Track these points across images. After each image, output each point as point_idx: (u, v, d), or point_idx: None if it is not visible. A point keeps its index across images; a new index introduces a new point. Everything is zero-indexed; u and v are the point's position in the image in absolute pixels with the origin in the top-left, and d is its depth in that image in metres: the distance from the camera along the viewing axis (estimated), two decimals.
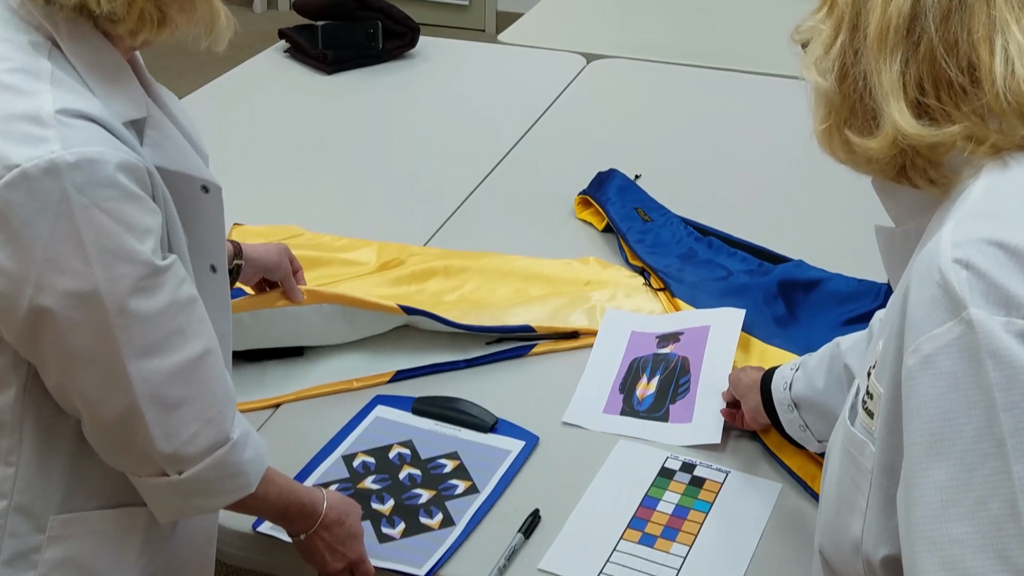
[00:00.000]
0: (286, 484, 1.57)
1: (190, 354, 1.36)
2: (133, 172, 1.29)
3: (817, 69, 1.22)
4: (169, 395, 1.35)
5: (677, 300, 2.27)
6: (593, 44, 3.70)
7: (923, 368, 1.06)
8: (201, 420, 1.38)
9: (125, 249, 1.27)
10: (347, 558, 1.62)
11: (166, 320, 1.33)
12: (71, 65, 1.32)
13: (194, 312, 1.38)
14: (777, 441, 1.91)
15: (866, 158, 1.20)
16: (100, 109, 1.31)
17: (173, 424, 1.35)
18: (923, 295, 1.07)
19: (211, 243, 1.53)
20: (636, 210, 2.57)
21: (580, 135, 3.06)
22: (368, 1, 3.44)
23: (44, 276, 1.25)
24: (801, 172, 2.87)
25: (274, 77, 3.40)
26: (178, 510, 1.45)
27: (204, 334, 1.39)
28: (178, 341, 1.35)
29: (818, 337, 2.18)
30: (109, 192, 1.26)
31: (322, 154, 2.92)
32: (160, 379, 1.33)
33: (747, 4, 4.14)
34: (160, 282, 1.32)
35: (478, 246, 2.48)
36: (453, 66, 3.50)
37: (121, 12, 1.30)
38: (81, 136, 1.25)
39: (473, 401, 1.97)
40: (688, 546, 1.70)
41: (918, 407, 1.06)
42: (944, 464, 1.04)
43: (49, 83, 1.28)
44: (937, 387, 1.05)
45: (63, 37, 1.32)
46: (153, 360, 1.33)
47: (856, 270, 2.38)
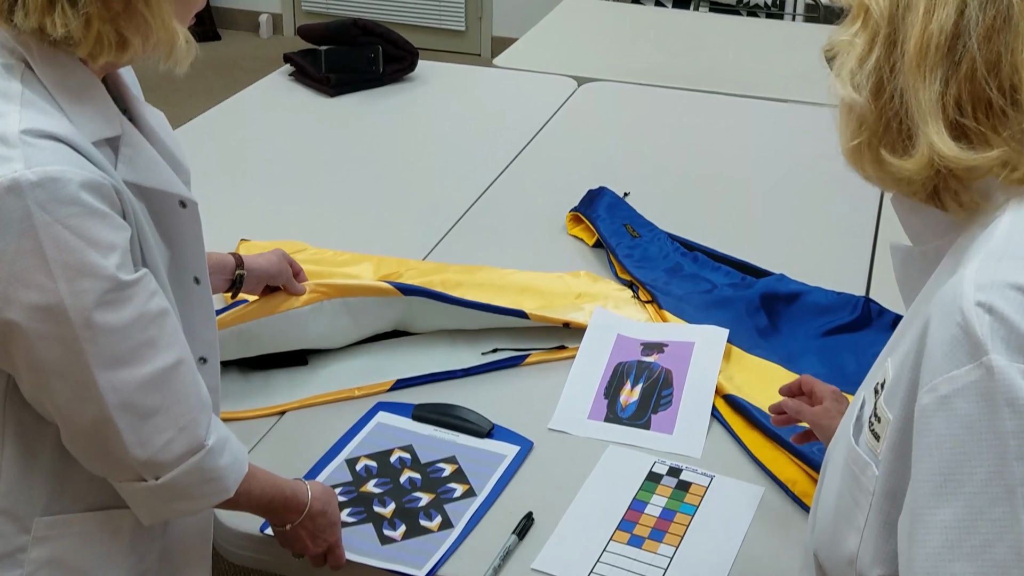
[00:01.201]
0: (268, 479, 1.56)
1: (161, 364, 1.35)
2: (98, 190, 1.28)
3: (851, 83, 1.14)
4: (141, 404, 1.33)
5: (664, 312, 2.27)
6: (584, 68, 3.70)
7: (939, 408, 1.01)
8: (175, 428, 1.36)
9: (88, 264, 1.26)
10: (327, 542, 1.63)
11: (135, 332, 1.32)
12: (43, 86, 1.31)
13: (165, 324, 1.36)
14: (759, 446, 1.92)
15: (898, 178, 1.13)
16: (68, 129, 1.29)
17: (146, 432, 1.34)
18: (944, 334, 1.02)
19: (192, 256, 1.51)
20: (625, 226, 2.57)
21: (571, 155, 3.06)
22: (369, 27, 3.45)
23: (10, 290, 1.25)
24: (782, 190, 2.88)
25: (280, 99, 3.40)
26: (159, 513, 1.44)
27: (176, 345, 1.38)
28: (149, 352, 1.34)
29: (798, 347, 2.20)
30: (71, 209, 1.24)
31: (325, 173, 2.92)
32: (131, 389, 1.32)
33: (730, 30, 4.16)
34: (127, 296, 1.31)
35: (474, 260, 2.48)
36: (450, 89, 3.51)
37: (78, 35, 1.28)
38: (44, 155, 1.24)
39: (470, 408, 1.97)
40: (675, 547, 1.71)
41: (931, 446, 1.02)
42: (952, 505, 1.00)
43: (19, 104, 1.28)
44: (951, 428, 1.00)
45: (35, 59, 1.31)
46: (123, 371, 1.32)
47: (834, 283, 2.38)
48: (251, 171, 2.92)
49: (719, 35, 4.09)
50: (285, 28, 7.11)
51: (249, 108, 3.33)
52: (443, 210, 2.73)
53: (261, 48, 6.89)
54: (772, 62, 3.80)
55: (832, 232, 2.68)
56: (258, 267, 1.97)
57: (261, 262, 1.98)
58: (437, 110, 3.34)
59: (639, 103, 3.42)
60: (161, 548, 1.55)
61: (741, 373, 2.10)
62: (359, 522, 1.74)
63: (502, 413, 1.98)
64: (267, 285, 2.04)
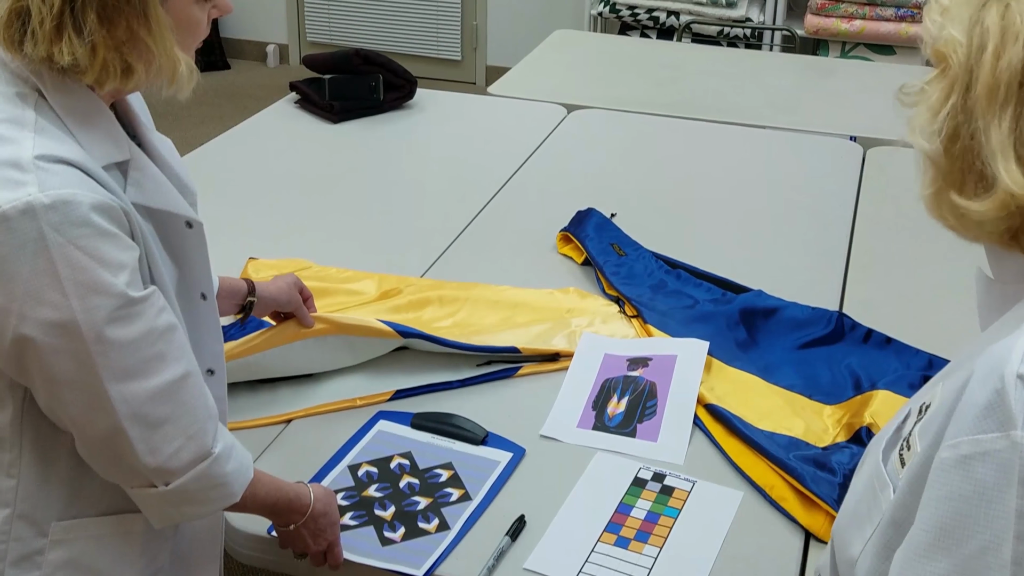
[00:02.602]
0: (272, 483, 1.56)
1: (170, 377, 1.35)
2: (108, 211, 1.29)
3: (923, 134, 1.09)
4: (151, 414, 1.34)
5: (649, 326, 2.27)
6: (573, 96, 3.70)
7: (957, 465, 0.98)
8: (183, 436, 1.37)
9: (99, 282, 1.27)
10: (328, 541, 1.63)
11: (145, 346, 1.33)
12: (55, 113, 1.32)
13: (173, 338, 1.37)
14: (739, 453, 1.92)
15: (976, 222, 1.06)
16: (79, 154, 1.30)
17: (156, 440, 1.35)
18: (980, 396, 0.98)
19: (200, 274, 1.52)
20: (612, 245, 2.57)
21: (561, 178, 3.07)
22: (370, 57, 3.45)
23: (25, 307, 1.26)
24: (760, 211, 2.89)
25: (286, 125, 3.40)
26: (170, 517, 1.43)
27: (184, 358, 1.38)
28: (158, 365, 1.34)
29: (775, 359, 2.20)
30: (82, 231, 1.26)
31: (329, 195, 2.92)
32: (141, 400, 1.33)
33: (711, 60, 4.17)
34: (137, 311, 1.31)
35: (470, 277, 2.48)
36: (447, 115, 3.51)
37: (84, 63, 1.29)
38: (57, 180, 1.26)
39: (466, 417, 1.97)
40: (659, 548, 1.71)
41: (940, 499, 0.99)
42: (946, 560, 0.99)
43: (33, 131, 1.29)
44: (964, 489, 0.98)
45: (48, 88, 1.32)
46: (133, 383, 1.32)
47: (809, 299, 2.39)
48: (259, 193, 2.92)
49: (700, 65, 4.09)
50: (291, 58, 7.11)
51: (257, 133, 3.33)
52: (440, 230, 2.73)
53: (268, 77, 6.89)
54: (750, 90, 3.81)
55: (807, 250, 2.69)
56: (268, 295, 1.96)
57: (272, 289, 1.97)
58: (435, 135, 3.35)
59: (625, 129, 3.43)
60: (172, 549, 1.56)
61: (722, 384, 2.10)
62: (361, 525, 1.74)
63: (496, 421, 1.98)
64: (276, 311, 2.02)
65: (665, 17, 5.44)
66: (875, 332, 2.27)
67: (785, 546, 1.73)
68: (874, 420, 1.97)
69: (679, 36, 5.29)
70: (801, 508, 1.79)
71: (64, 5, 1.26)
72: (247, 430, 1.95)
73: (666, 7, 5.44)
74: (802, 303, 2.36)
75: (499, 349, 2.16)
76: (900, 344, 2.23)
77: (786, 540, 1.74)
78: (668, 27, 5.45)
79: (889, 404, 2.00)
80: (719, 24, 5.36)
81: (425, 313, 2.32)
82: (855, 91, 3.84)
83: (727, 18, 5.35)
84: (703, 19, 5.36)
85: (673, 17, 5.42)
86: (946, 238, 1.20)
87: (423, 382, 2.10)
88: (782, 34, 5.37)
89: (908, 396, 2.02)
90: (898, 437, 1.16)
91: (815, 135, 3.40)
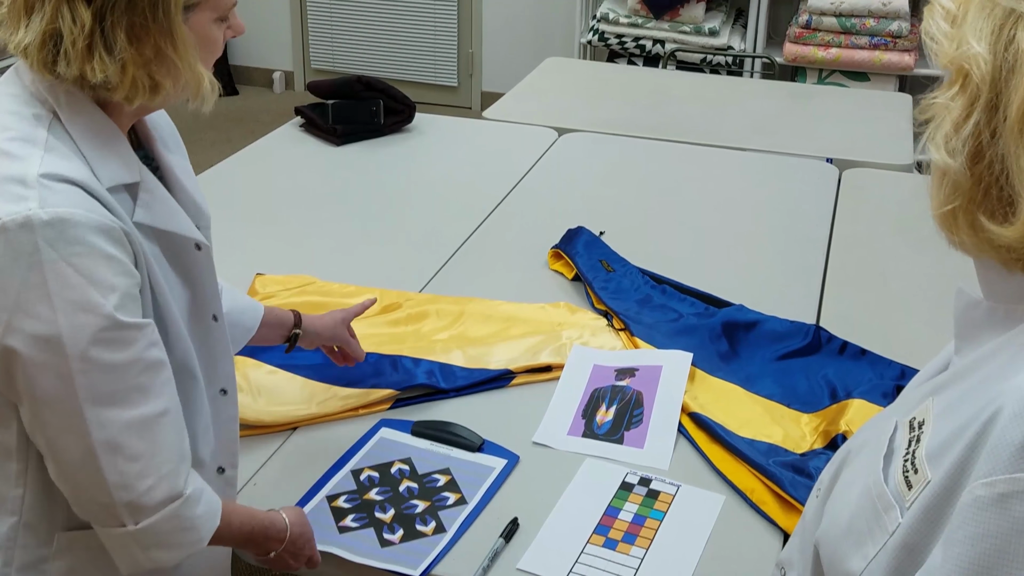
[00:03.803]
0: (246, 513, 1.52)
1: (149, 411, 1.31)
2: (107, 233, 1.27)
3: (946, 148, 1.00)
4: (125, 445, 1.30)
5: (636, 339, 2.28)
6: (564, 120, 3.71)
7: (993, 504, 0.92)
8: (156, 474, 1.32)
9: (88, 301, 1.25)
10: (305, 555, 1.61)
11: (129, 375, 1.29)
12: (68, 134, 1.31)
13: (159, 375, 1.33)
14: (721, 459, 1.92)
15: (997, 245, 0.98)
16: (86, 174, 1.29)
17: (129, 475, 1.30)
18: (1015, 434, 0.92)
19: (210, 295, 1.50)
20: (600, 262, 2.58)
21: (552, 197, 3.08)
22: (372, 83, 3.46)
23: (14, 318, 1.24)
24: (741, 229, 2.89)
25: (291, 148, 3.41)
26: (138, 562, 1.37)
27: (166, 396, 1.34)
28: (139, 397, 1.30)
29: (756, 370, 2.21)
30: (77, 249, 1.24)
31: (332, 214, 2.93)
32: (117, 428, 1.29)
33: (694, 86, 4.18)
34: (124, 337, 1.28)
35: (465, 292, 2.49)
36: (444, 139, 3.52)
37: (115, 80, 1.29)
38: (58, 198, 1.24)
39: (463, 425, 1.98)
40: (645, 549, 1.71)
41: (976, 536, 0.93)
42: None
43: (43, 149, 1.28)
44: (1002, 527, 0.92)
45: (63, 109, 1.31)
46: (111, 409, 1.28)
47: (788, 312, 2.40)
48: (266, 212, 2.92)
49: (685, 91, 4.11)
50: (296, 84, 7.12)
51: (264, 156, 3.34)
52: (438, 247, 2.74)
53: (275, 102, 6.89)
54: (732, 115, 3.82)
55: (786, 266, 2.69)
56: (314, 330, 1.94)
57: (318, 325, 1.95)
58: (433, 158, 3.35)
59: (613, 151, 3.44)
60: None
61: (705, 393, 2.11)
62: (362, 527, 1.74)
63: (491, 429, 1.98)
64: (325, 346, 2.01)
65: (651, 45, 5.46)
66: (850, 344, 2.27)
67: (765, 547, 1.73)
68: (849, 428, 1.97)
69: (664, 63, 5.31)
70: (780, 511, 1.80)
71: (95, 25, 1.27)
72: (256, 436, 1.95)
73: (652, 36, 5.45)
74: (781, 317, 2.37)
75: (493, 374, 2.16)
76: (874, 355, 2.24)
77: (765, 541, 1.75)
78: (654, 55, 5.46)
79: (864, 412, 2.01)
80: (702, 52, 5.37)
81: (424, 325, 2.32)
82: (831, 116, 3.85)
83: (710, 46, 5.36)
84: (687, 47, 5.37)
85: (659, 45, 5.44)
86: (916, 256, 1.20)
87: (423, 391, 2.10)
88: (762, 61, 5.38)
89: (882, 405, 2.02)
90: (891, 451, 1.11)
91: (793, 157, 3.41)
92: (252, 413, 1.98)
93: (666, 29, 5.43)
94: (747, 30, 5.56)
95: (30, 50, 1.28)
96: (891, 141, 3.60)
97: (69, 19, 1.26)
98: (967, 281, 1.13)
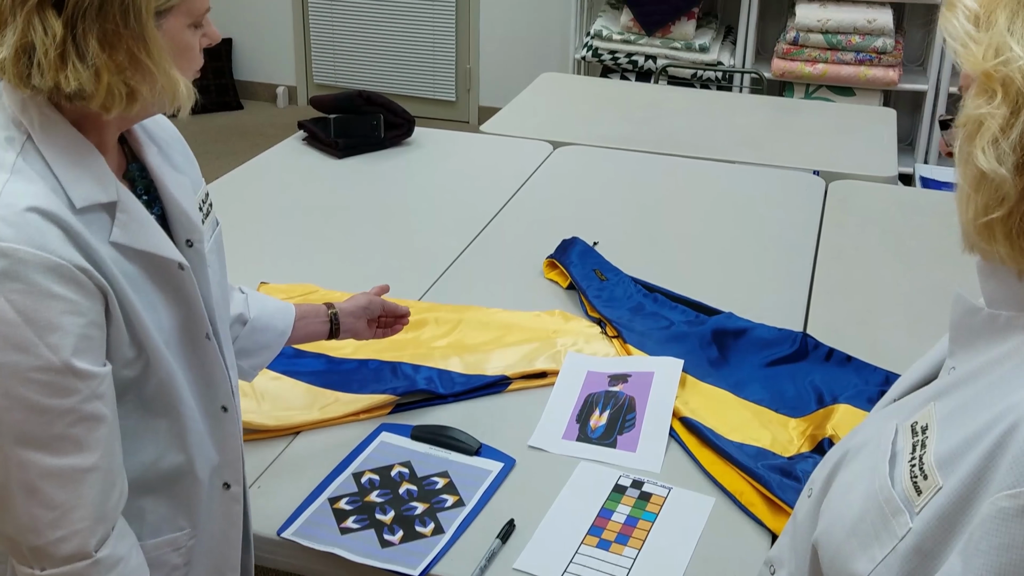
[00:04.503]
0: None
1: (76, 464, 1.24)
2: (55, 271, 1.20)
3: (995, 155, 0.95)
4: (43, 492, 1.23)
5: (628, 346, 2.28)
6: (558, 133, 3.72)
7: (1019, 515, 0.91)
8: (68, 528, 1.25)
9: (21, 340, 1.18)
10: None
11: (60, 423, 1.22)
12: (40, 156, 1.25)
13: (95, 430, 1.26)
14: (711, 462, 1.93)
15: None
16: (51, 200, 1.23)
17: (41, 521, 1.24)
18: None
19: (201, 314, 1.42)
20: (594, 271, 2.58)
21: (548, 209, 3.08)
22: (372, 97, 3.46)
23: None
24: (731, 239, 2.90)
25: (294, 161, 3.41)
26: None
27: (99, 452, 1.26)
28: (67, 447, 1.23)
29: (745, 376, 2.21)
30: (15, 286, 1.18)
31: (334, 224, 2.93)
32: (38, 472, 1.22)
33: (685, 101, 4.19)
34: (62, 384, 1.22)
35: (463, 300, 2.49)
36: (443, 151, 3.52)
37: (90, 88, 1.23)
38: (11, 232, 1.18)
39: (461, 429, 1.98)
40: (637, 550, 1.71)
41: (1001, 547, 0.92)
42: None
43: (9, 174, 1.22)
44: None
45: (35, 130, 1.26)
46: (35, 453, 1.22)
47: (776, 320, 2.40)
48: (270, 223, 2.93)
49: (676, 105, 4.11)
50: (299, 99, 7.12)
51: (268, 168, 3.34)
52: (437, 257, 2.74)
53: (278, 116, 6.90)
54: (722, 128, 3.83)
55: (774, 275, 2.70)
56: (348, 308, 1.91)
57: (351, 304, 1.92)
58: (431, 170, 3.36)
59: (607, 164, 3.44)
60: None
61: (695, 398, 2.11)
62: (363, 528, 1.75)
63: (488, 433, 1.99)
64: (368, 319, 1.96)
65: (643, 61, 5.47)
66: (836, 351, 2.28)
67: (753, 547, 1.74)
68: (835, 432, 1.98)
69: (656, 78, 5.32)
70: (768, 512, 1.80)
71: (67, 34, 1.21)
72: (260, 440, 1.95)
73: (644, 52, 5.46)
74: (769, 324, 2.38)
75: (491, 380, 2.16)
76: (859, 362, 2.24)
77: (754, 541, 1.75)
78: (646, 70, 5.47)
79: (849, 417, 2.01)
80: (693, 67, 5.38)
81: (423, 332, 2.32)
82: (818, 129, 3.86)
83: (700, 62, 5.37)
84: (678, 63, 5.38)
85: (651, 61, 5.45)
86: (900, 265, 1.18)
87: (422, 396, 2.10)
88: (751, 77, 5.39)
89: (867, 409, 2.02)
90: (894, 454, 1.09)
91: (781, 169, 3.41)
92: (257, 418, 1.99)
93: (658, 45, 5.44)
94: (736, 46, 5.57)
95: (6, 65, 1.23)
96: (876, 154, 3.60)
97: (40, 30, 1.21)
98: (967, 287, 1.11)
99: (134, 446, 1.37)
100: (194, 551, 1.49)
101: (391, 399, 2.07)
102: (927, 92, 5.37)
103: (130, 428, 1.36)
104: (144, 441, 1.39)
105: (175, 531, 1.45)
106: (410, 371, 2.15)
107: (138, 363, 1.34)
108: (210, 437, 1.47)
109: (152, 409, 1.38)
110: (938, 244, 2.88)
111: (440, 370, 2.17)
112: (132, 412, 1.36)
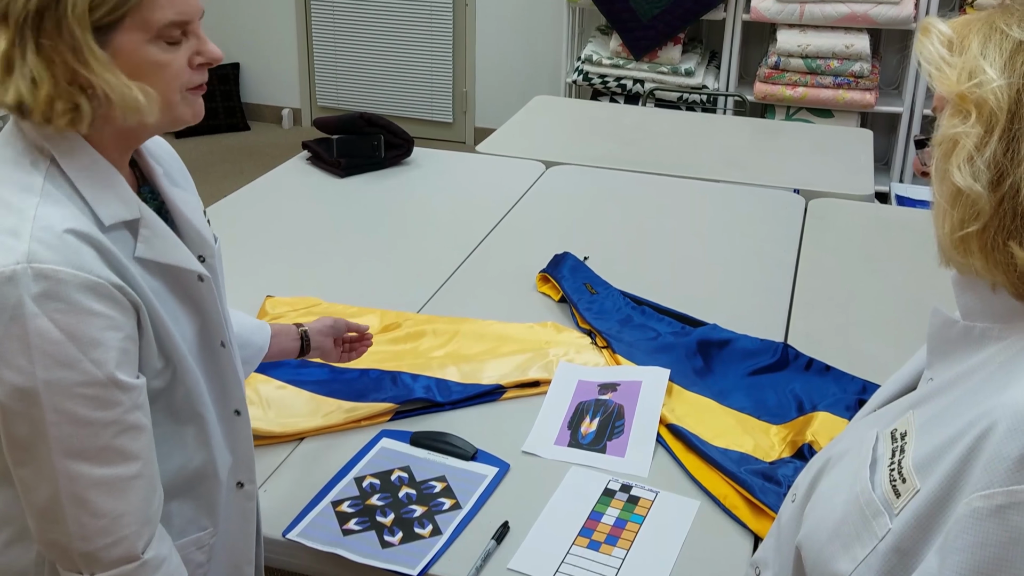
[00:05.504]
0: None
1: (122, 473, 1.25)
2: (93, 290, 1.20)
3: (971, 170, 0.96)
4: (92, 501, 1.24)
5: (617, 356, 2.29)
6: (551, 153, 3.72)
7: (992, 515, 0.92)
8: (117, 534, 1.26)
9: (67, 357, 1.18)
10: None
11: (105, 434, 1.23)
12: (66, 178, 1.25)
13: (138, 439, 1.27)
14: (696, 467, 1.93)
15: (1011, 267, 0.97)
16: (82, 220, 1.23)
17: (90, 529, 1.25)
18: (1011, 448, 0.91)
19: (217, 323, 1.43)
20: (585, 285, 2.59)
21: (540, 225, 3.08)
22: (373, 119, 3.47)
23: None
24: (715, 254, 2.90)
25: (298, 180, 3.41)
26: None
27: (143, 460, 1.27)
28: (113, 457, 1.24)
29: (728, 385, 2.21)
30: (58, 305, 1.18)
31: (337, 240, 2.94)
32: (86, 483, 1.23)
33: (672, 122, 4.19)
34: (106, 396, 1.22)
35: (460, 312, 2.50)
36: (440, 171, 3.53)
37: (29, 101, 1.20)
38: (48, 253, 1.18)
39: (458, 435, 1.98)
40: (626, 550, 1.71)
41: (975, 545, 0.93)
42: None
43: (39, 196, 1.22)
44: (1000, 536, 0.92)
45: (59, 153, 1.24)
46: (83, 465, 1.22)
47: (758, 331, 2.41)
48: (275, 239, 2.93)
49: (663, 126, 4.12)
50: (303, 120, 7.12)
51: (273, 187, 3.34)
52: (434, 271, 2.74)
53: (283, 137, 6.90)
54: (706, 149, 3.83)
55: (756, 289, 2.70)
56: (315, 327, 1.92)
57: (317, 324, 1.93)
58: (429, 188, 3.36)
59: (596, 183, 3.45)
60: None
61: (681, 406, 2.11)
62: (364, 530, 1.75)
63: (484, 439, 1.99)
64: (334, 338, 1.96)
65: (631, 84, 5.48)
66: (816, 361, 2.28)
67: (736, 548, 1.74)
68: (815, 438, 1.98)
69: (644, 101, 5.33)
70: (751, 515, 1.80)
71: (10, 47, 1.19)
72: (266, 446, 1.95)
73: (632, 76, 5.48)
74: (752, 335, 2.38)
75: (486, 389, 2.16)
76: (837, 371, 2.25)
77: (737, 543, 1.76)
78: (634, 93, 5.48)
79: (828, 424, 2.02)
80: (679, 91, 5.40)
81: (422, 343, 2.33)
82: (798, 150, 3.87)
83: (686, 85, 5.39)
84: (665, 86, 5.40)
85: (638, 84, 5.46)
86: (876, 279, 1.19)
87: (421, 404, 2.10)
88: (734, 99, 5.41)
89: (845, 417, 2.03)
90: (875, 459, 1.10)
91: (763, 188, 3.42)
92: (263, 424, 1.99)
93: (645, 70, 5.45)
94: (720, 71, 5.59)
95: None
96: (853, 173, 3.61)
97: None
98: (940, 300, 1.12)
99: (165, 452, 1.38)
100: (215, 548, 1.50)
101: (391, 407, 2.07)
102: (902, 114, 5.38)
103: (160, 436, 1.36)
104: (173, 447, 1.40)
105: (199, 531, 1.46)
106: (409, 380, 2.16)
107: (166, 373, 1.35)
108: (225, 439, 1.48)
109: (180, 417, 1.39)
110: (913, 259, 2.89)
111: (438, 379, 2.17)
112: (162, 420, 1.36)
